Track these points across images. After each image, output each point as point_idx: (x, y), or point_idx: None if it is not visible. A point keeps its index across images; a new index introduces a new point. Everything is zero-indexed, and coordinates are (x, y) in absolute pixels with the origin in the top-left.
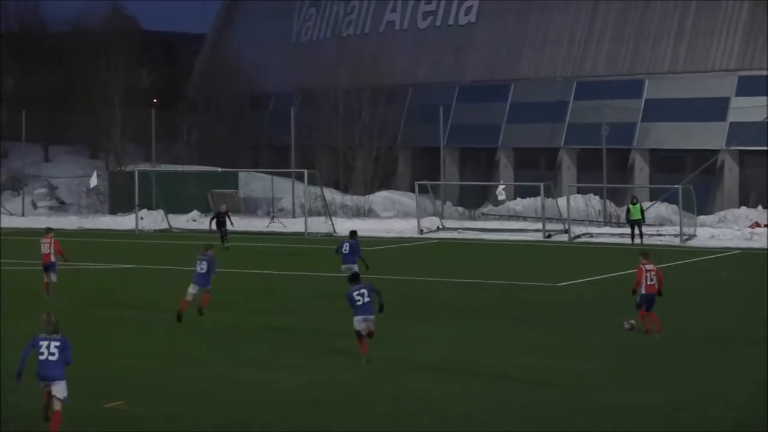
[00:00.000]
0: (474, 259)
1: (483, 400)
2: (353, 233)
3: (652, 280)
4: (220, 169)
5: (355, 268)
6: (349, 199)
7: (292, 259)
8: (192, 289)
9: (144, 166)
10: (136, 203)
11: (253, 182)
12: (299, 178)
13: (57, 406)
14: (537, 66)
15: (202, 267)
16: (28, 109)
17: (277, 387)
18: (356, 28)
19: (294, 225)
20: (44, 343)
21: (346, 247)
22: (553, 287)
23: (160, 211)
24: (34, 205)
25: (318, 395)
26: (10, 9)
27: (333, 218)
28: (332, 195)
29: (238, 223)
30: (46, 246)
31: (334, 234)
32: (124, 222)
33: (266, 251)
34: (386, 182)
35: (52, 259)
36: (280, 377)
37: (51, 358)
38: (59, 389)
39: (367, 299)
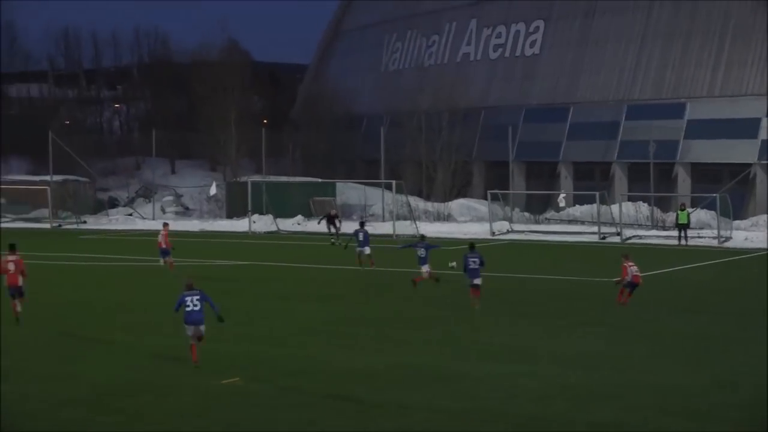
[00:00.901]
0: (538, 257)
1: (545, 380)
2: (423, 237)
3: (636, 272)
4: (320, 180)
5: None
6: (431, 206)
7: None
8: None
9: (256, 177)
10: (249, 209)
11: (349, 191)
12: (388, 187)
13: (195, 341)
14: (593, 91)
15: None
16: (157, 128)
17: (368, 365)
18: (436, 58)
19: (383, 227)
20: (189, 299)
21: (422, 252)
22: (607, 282)
23: (270, 216)
24: (163, 211)
25: (404, 374)
26: (143, 42)
27: (417, 222)
28: (416, 202)
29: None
30: (162, 237)
31: (417, 236)
32: (239, 225)
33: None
34: (463, 191)
35: (163, 246)
36: (373, 359)
37: (195, 308)
38: (202, 329)
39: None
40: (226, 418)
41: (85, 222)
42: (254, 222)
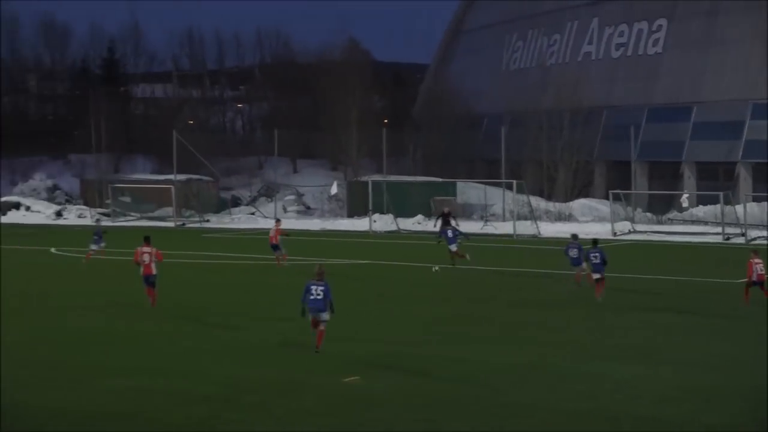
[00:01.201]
0: (660, 257)
1: (665, 381)
2: (575, 236)
3: (761, 271)
4: (440, 179)
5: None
6: (552, 206)
7: (501, 257)
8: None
9: (376, 177)
10: (370, 208)
11: (469, 190)
12: (509, 187)
13: (322, 327)
14: (716, 90)
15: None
16: (279, 128)
17: (491, 365)
18: (558, 58)
19: (504, 227)
20: (314, 288)
21: (574, 252)
22: (730, 283)
23: (390, 215)
24: (285, 210)
25: (527, 373)
26: (265, 43)
27: (537, 222)
28: (537, 202)
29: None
30: (274, 232)
31: (538, 236)
32: (360, 224)
33: (481, 250)
34: (584, 191)
35: (274, 241)
36: (493, 357)
37: (318, 296)
38: (324, 316)
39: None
40: (349, 416)
41: (208, 221)
42: (375, 221)
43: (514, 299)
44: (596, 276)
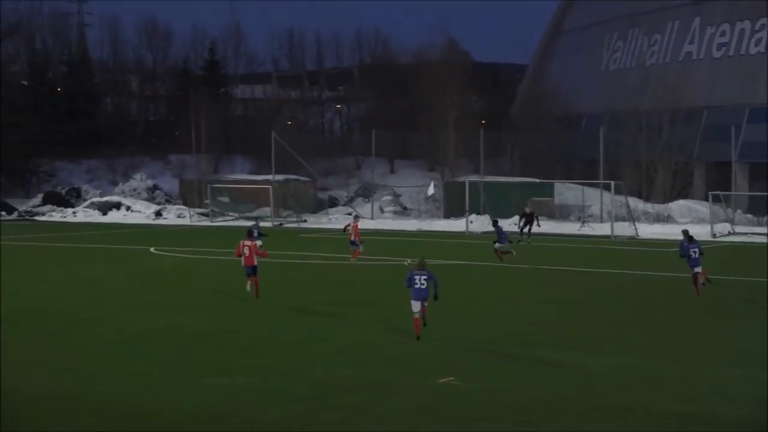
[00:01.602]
0: (760, 260)
1: (764, 384)
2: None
3: None
4: (538, 180)
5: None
6: (650, 207)
7: (599, 258)
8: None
9: (473, 178)
10: (467, 209)
11: (567, 191)
12: (607, 188)
13: (416, 315)
14: None
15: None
16: (377, 128)
17: (590, 366)
18: (658, 57)
19: (601, 229)
20: (417, 277)
21: (694, 252)
22: None
23: (487, 216)
24: (381, 210)
25: (624, 377)
26: (364, 43)
27: (636, 223)
28: (635, 203)
29: (552, 227)
30: (352, 228)
31: (636, 237)
32: (456, 225)
33: (578, 251)
34: (683, 192)
35: (353, 238)
36: (591, 360)
37: (422, 286)
38: (426, 303)
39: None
40: (445, 417)
41: (305, 221)
42: (471, 222)
43: (612, 300)
44: (696, 270)
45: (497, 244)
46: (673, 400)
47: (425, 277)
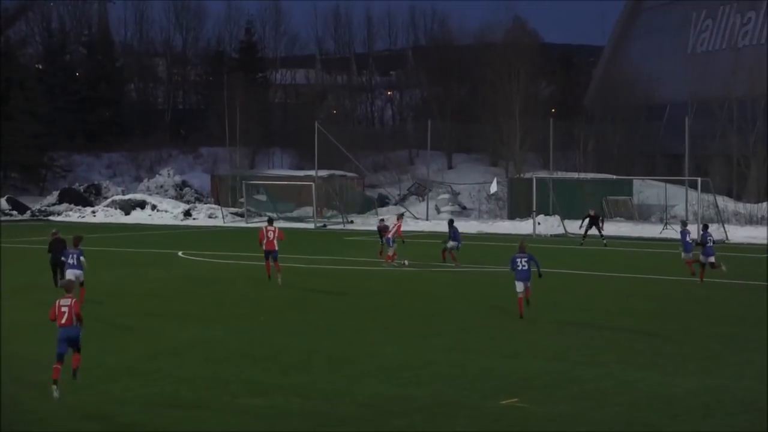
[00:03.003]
0: None
1: None
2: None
3: None
4: (614, 177)
5: None
6: (742, 207)
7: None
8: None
9: (542, 174)
10: (534, 209)
11: (647, 189)
12: (693, 185)
13: (520, 295)
14: None
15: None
16: (433, 118)
17: (669, 390)
18: (752, 38)
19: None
20: (519, 259)
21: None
22: None
23: (557, 217)
24: (438, 210)
25: (708, 400)
26: (419, 23)
27: (725, 225)
28: (725, 202)
29: (631, 230)
30: (395, 228)
31: (726, 241)
32: (522, 227)
33: (659, 256)
34: None
35: (387, 235)
36: (671, 380)
37: (523, 267)
38: (529, 284)
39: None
40: None
41: (351, 222)
42: (539, 224)
43: (699, 312)
44: (711, 260)
45: (451, 243)
46: (765, 428)
47: (526, 258)
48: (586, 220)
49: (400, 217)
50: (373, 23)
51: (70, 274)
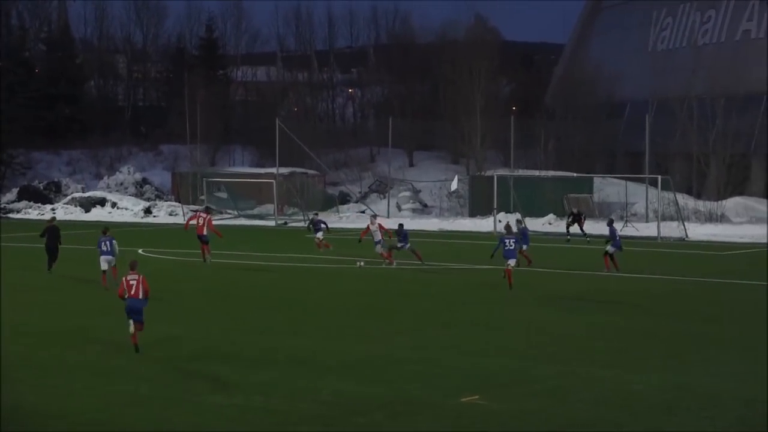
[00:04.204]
0: None
1: None
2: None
3: None
4: (575, 174)
5: None
6: (701, 205)
7: (644, 262)
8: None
9: (503, 171)
10: (495, 207)
11: (608, 187)
12: (653, 183)
13: (510, 267)
14: None
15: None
16: (395, 116)
17: (635, 385)
18: (712, 36)
19: (647, 229)
20: (507, 240)
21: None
22: None
23: (518, 215)
24: (399, 208)
25: (671, 397)
26: (381, 20)
27: (685, 223)
28: (685, 200)
29: (591, 227)
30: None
31: (686, 239)
32: (483, 224)
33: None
34: (739, 188)
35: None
36: (634, 378)
37: (510, 247)
38: (512, 263)
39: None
40: None
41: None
42: (500, 221)
43: (658, 310)
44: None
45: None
46: (728, 424)
47: (513, 240)
48: (570, 218)
49: (374, 217)
50: (334, 21)
51: (104, 259)
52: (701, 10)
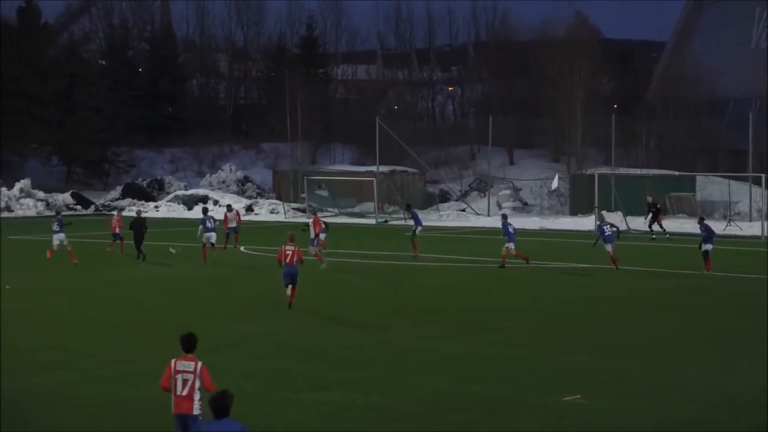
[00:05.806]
0: None
1: None
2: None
3: None
4: (677, 173)
5: None
6: None
7: (748, 262)
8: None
9: (604, 170)
10: (596, 205)
11: (710, 186)
12: (757, 182)
13: (611, 253)
14: None
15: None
16: (495, 114)
17: (727, 388)
18: None
19: (750, 228)
20: (606, 227)
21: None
22: None
23: (619, 213)
24: (499, 206)
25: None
26: (481, 18)
27: None
28: None
29: (693, 226)
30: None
31: None
32: (584, 223)
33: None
34: None
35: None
36: (732, 378)
37: (609, 232)
38: (610, 247)
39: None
40: None
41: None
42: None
43: (757, 310)
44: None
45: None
46: None
47: (609, 226)
48: (650, 215)
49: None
50: (434, 19)
51: (208, 235)
52: None
